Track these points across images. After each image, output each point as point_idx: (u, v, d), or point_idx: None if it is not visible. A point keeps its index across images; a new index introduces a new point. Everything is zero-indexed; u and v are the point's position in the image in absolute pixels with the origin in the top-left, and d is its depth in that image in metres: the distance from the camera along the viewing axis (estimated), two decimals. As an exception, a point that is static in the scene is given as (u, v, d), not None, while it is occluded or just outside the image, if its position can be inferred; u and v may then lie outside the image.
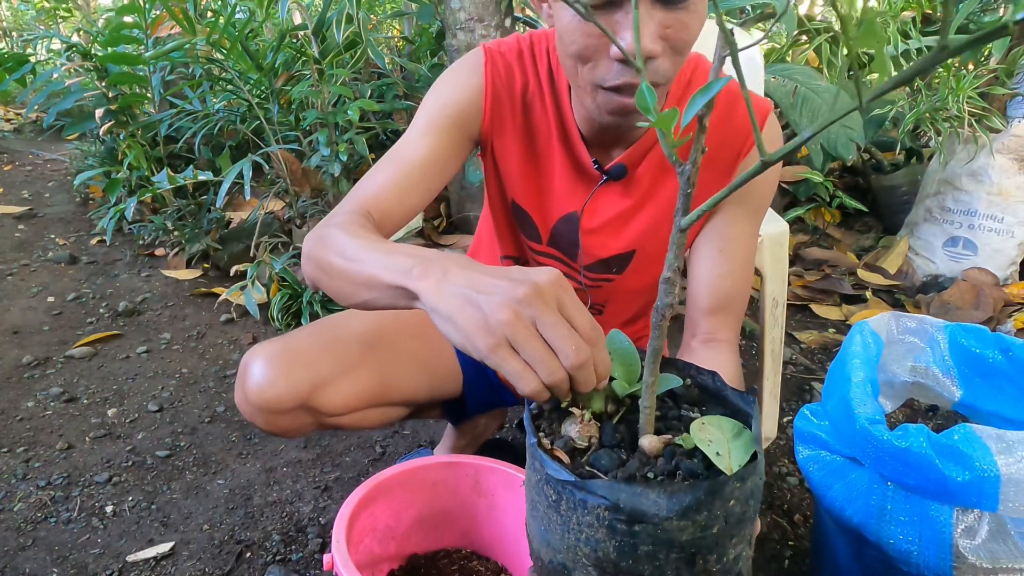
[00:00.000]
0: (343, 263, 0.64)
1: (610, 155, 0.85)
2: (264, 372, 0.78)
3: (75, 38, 2.66)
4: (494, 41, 0.86)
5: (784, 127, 2.67)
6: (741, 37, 1.57)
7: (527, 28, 2.47)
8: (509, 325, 0.47)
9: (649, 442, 0.48)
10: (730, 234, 0.86)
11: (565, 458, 0.48)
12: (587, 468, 0.47)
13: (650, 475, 0.46)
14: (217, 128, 2.40)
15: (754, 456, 0.45)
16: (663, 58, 0.68)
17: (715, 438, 0.47)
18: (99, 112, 2.27)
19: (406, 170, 0.81)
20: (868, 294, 2.16)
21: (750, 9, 2.25)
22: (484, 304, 0.48)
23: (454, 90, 0.84)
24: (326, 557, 0.76)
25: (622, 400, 0.53)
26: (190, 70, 2.54)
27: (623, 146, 0.84)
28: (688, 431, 0.48)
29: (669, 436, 0.49)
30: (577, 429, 0.50)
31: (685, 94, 0.84)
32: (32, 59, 2.61)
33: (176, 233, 2.35)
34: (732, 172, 0.85)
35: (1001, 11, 2.24)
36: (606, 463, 0.47)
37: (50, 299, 2.04)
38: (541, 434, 0.50)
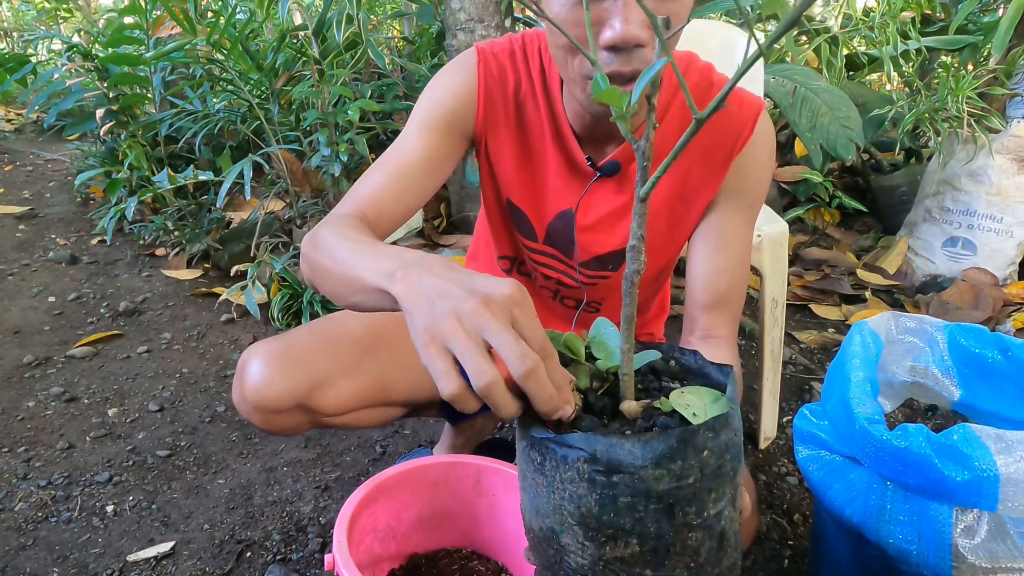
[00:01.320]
0: (333, 265, 0.64)
1: (604, 152, 0.86)
2: (261, 371, 0.78)
3: (76, 39, 2.66)
4: (487, 41, 0.87)
5: (784, 127, 2.68)
6: (741, 37, 1.57)
7: (526, 29, 2.47)
8: (449, 328, 0.46)
9: (629, 406, 0.49)
10: (725, 231, 0.87)
11: (549, 424, 0.49)
12: (569, 430, 0.48)
13: (627, 432, 0.47)
14: (218, 128, 2.40)
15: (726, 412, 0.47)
16: (650, 47, 0.68)
17: (692, 403, 0.48)
18: (100, 112, 2.27)
19: (401, 170, 0.81)
20: (867, 294, 2.16)
21: (750, 10, 2.26)
22: (438, 306, 0.48)
23: (447, 90, 0.85)
24: (327, 557, 0.76)
25: (606, 377, 0.55)
26: (191, 70, 2.54)
27: (616, 142, 0.85)
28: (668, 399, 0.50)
29: (648, 401, 0.50)
30: None
31: (677, 92, 0.84)
32: (33, 59, 2.61)
33: (177, 233, 2.35)
34: (725, 168, 0.85)
35: (1000, 11, 2.24)
36: (587, 425, 0.48)
37: (51, 299, 2.05)
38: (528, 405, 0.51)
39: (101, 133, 2.35)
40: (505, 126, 0.86)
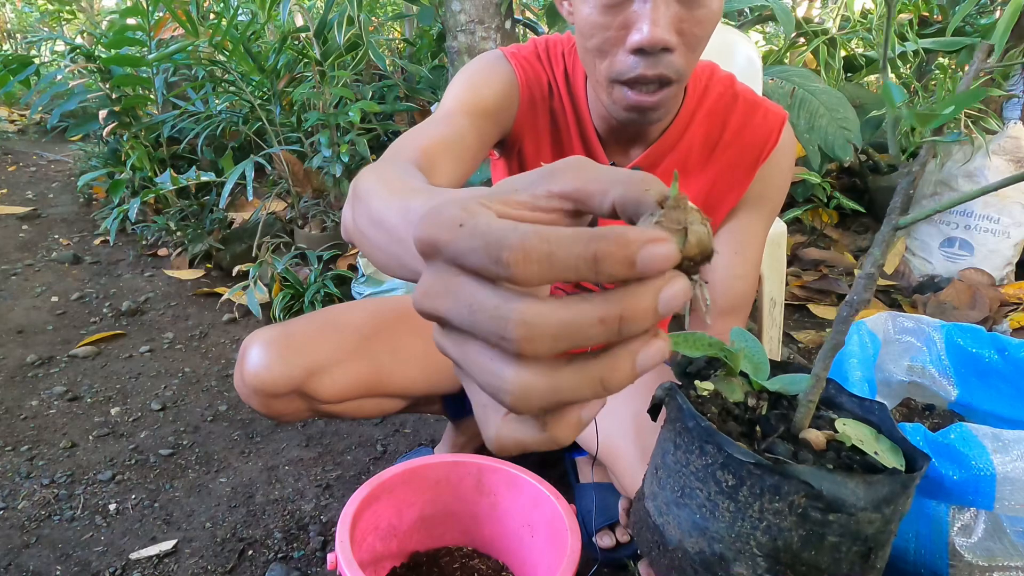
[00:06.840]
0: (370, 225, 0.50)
1: (628, 155, 0.87)
2: (261, 356, 0.80)
3: (79, 40, 2.67)
4: (512, 46, 0.87)
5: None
6: (739, 39, 1.58)
7: (526, 30, 2.48)
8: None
9: (815, 436, 0.48)
10: (745, 237, 0.88)
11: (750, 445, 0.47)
12: (766, 455, 0.46)
13: (829, 467, 0.45)
14: (219, 129, 2.41)
15: (925, 457, 0.46)
16: (677, 53, 0.69)
17: (864, 438, 0.47)
18: (102, 113, 2.28)
19: (455, 132, 0.72)
20: (867, 295, 2.16)
21: (748, 12, 2.27)
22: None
23: (488, 80, 0.82)
24: (330, 556, 0.77)
25: (761, 393, 0.54)
26: (193, 72, 2.55)
27: (641, 147, 0.85)
28: (826, 429, 0.49)
29: (831, 432, 0.49)
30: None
31: (702, 101, 0.85)
32: (36, 61, 2.62)
33: (179, 233, 2.36)
34: (750, 177, 0.86)
35: (997, 13, 2.25)
36: (782, 451, 0.46)
37: (54, 299, 2.05)
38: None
39: (104, 134, 2.36)
40: (543, 128, 0.87)
